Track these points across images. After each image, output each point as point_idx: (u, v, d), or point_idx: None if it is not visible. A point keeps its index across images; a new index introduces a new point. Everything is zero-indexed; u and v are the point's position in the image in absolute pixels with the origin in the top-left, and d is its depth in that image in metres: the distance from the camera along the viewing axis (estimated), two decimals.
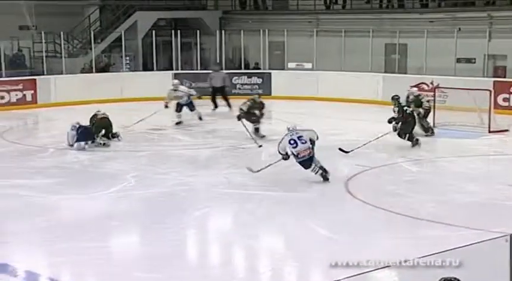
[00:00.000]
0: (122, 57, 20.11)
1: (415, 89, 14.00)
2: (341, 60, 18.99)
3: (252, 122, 12.74)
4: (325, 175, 9.48)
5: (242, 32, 20.18)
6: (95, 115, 12.55)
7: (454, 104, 14.52)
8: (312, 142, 9.52)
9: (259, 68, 20.68)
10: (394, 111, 11.90)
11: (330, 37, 19.61)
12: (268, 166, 9.76)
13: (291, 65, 19.79)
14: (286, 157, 9.59)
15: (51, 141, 12.42)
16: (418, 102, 13.12)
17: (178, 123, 14.55)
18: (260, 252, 6.97)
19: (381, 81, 17.93)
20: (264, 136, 12.57)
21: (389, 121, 11.83)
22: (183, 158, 11.40)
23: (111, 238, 7.50)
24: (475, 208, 8.48)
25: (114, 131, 12.58)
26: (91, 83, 18.04)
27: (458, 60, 17.32)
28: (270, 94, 19.35)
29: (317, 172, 9.47)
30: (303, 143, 9.40)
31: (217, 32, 20.78)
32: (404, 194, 9.15)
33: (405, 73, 18.24)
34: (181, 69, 19.83)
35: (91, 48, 19.62)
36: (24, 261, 6.59)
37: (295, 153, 9.45)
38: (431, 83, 16.25)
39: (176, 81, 15.41)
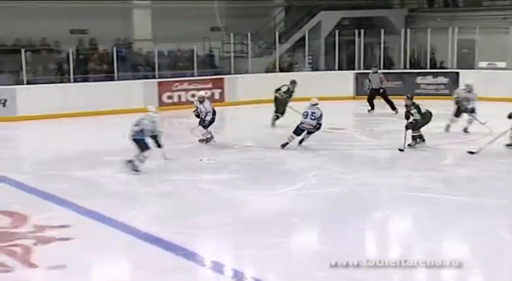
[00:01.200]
0: (304, 56, 20.41)
1: None
2: None
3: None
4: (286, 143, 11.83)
5: (429, 30, 19.51)
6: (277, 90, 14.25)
7: None
8: (319, 120, 11.82)
9: (445, 68, 19.84)
10: None
11: None
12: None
13: (481, 64, 18.73)
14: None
15: (236, 138, 12.94)
16: None
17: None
18: (443, 258, 6.60)
19: None
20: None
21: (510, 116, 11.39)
22: (363, 158, 11.28)
23: (292, 234, 7.60)
24: None
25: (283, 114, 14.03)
26: (275, 83, 18.50)
27: None
28: None
29: (290, 141, 11.81)
30: (311, 119, 11.75)
31: (403, 30, 20.28)
32: None
33: None
34: (364, 69, 19.65)
35: (275, 48, 20.16)
36: (211, 252, 6.90)
37: (302, 121, 11.82)
38: None
39: (471, 81, 13.68)
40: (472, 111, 13.22)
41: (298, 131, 11.91)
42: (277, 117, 14.54)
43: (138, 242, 7.18)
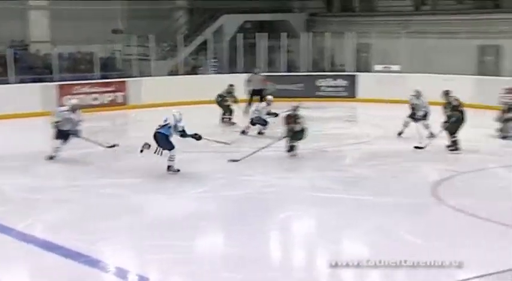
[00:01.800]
0: (207, 60, 20.42)
1: None
2: (430, 62, 18.47)
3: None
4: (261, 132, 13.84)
5: (328, 34, 20.06)
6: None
7: None
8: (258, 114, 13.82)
9: (344, 70, 20.48)
10: None
11: (419, 39, 19.17)
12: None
13: (377, 67, 19.47)
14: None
15: (139, 141, 12.68)
16: None
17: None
18: (343, 257, 6.77)
19: (473, 84, 17.29)
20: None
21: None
22: (269, 160, 11.41)
23: (198, 237, 7.56)
24: None
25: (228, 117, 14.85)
26: (178, 85, 18.42)
27: None
28: (354, 97, 19.13)
29: (247, 129, 13.81)
30: (256, 113, 13.92)
31: (303, 34, 20.74)
32: (497, 200, 8.75)
33: (499, 76, 17.53)
34: (268, 72, 19.93)
35: (179, 51, 20.05)
36: (115, 257, 6.77)
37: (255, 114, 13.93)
38: None
39: (419, 88, 13.53)
40: (424, 117, 13.12)
41: (252, 122, 13.87)
42: (225, 118, 15.19)
43: (35, 250, 6.91)
